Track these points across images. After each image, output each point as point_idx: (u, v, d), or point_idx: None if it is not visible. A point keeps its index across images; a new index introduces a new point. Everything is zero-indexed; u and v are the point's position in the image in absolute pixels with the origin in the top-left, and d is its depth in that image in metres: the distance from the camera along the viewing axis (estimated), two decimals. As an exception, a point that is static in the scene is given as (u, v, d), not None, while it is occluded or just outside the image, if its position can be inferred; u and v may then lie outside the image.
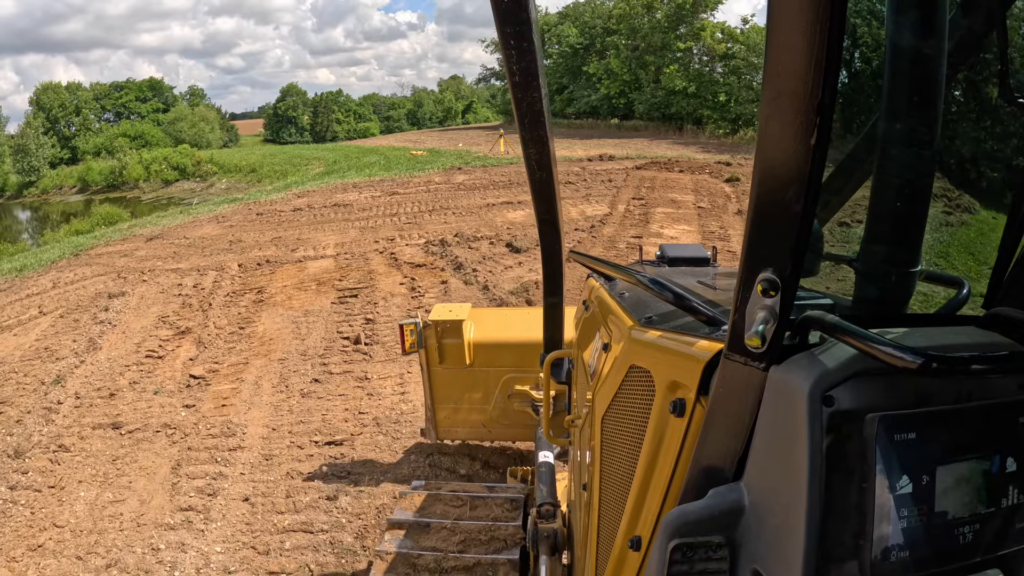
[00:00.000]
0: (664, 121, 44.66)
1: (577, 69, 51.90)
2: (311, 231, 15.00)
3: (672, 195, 17.50)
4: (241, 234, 15.68)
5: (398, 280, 10.27)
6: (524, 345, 4.33)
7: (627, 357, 1.44)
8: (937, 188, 1.26)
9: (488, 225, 13.92)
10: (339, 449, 5.72)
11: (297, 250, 13.09)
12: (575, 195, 17.38)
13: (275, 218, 17.24)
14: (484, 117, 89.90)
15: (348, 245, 13.05)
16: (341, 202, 18.45)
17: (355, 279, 10.55)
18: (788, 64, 0.71)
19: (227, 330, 9.03)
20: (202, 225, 17.76)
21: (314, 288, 10.36)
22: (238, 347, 8.38)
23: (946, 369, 0.77)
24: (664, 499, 1.19)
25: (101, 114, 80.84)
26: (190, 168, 44.35)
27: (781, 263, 0.81)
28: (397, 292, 9.69)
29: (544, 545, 2.50)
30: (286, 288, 10.53)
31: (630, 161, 25.03)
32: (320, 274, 11.11)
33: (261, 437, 6.13)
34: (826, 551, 0.85)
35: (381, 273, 10.73)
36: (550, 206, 2.40)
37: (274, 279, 11.19)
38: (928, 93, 1.15)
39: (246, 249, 13.78)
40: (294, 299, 9.96)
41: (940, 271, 1.34)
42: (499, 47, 1.62)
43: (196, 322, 9.47)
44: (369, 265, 11.26)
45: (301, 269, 11.59)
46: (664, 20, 45.87)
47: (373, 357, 7.49)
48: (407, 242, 12.83)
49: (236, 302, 10.17)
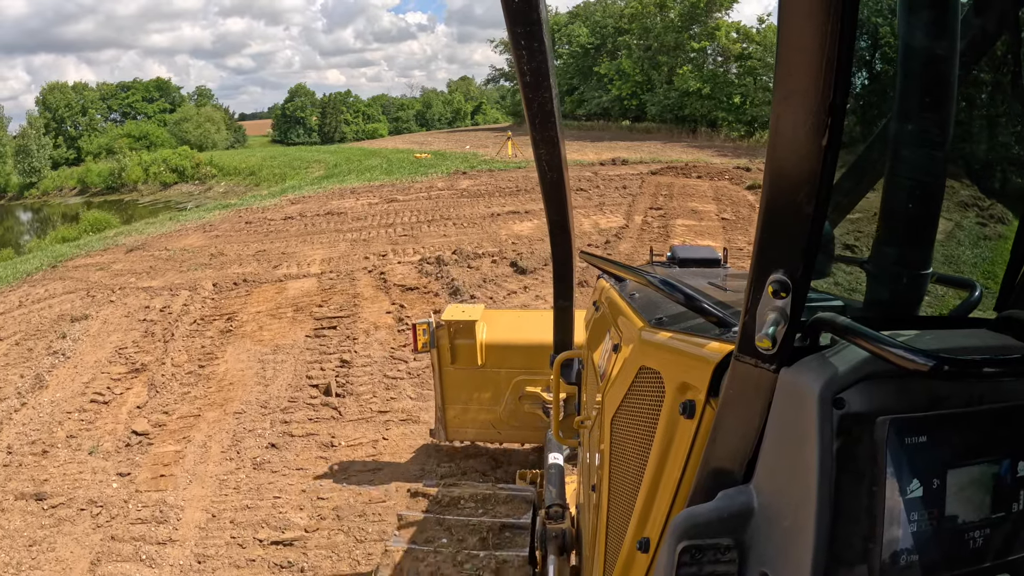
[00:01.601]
0: (677, 123, 43.38)
1: (588, 69, 50.54)
2: (298, 243, 13.75)
3: (692, 204, 16.16)
4: (225, 245, 14.51)
5: (385, 307, 8.96)
6: (536, 347, 4.24)
7: (637, 358, 1.43)
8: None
9: (491, 239, 12.62)
10: (288, 552, 4.43)
11: (280, 266, 11.84)
12: (587, 204, 16.04)
13: (263, 227, 16.04)
14: (493, 118, 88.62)
15: (335, 261, 11.77)
16: (335, 210, 17.20)
17: (337, 305, 9.27)
18: (799, 64, 0.71)
19: (185, 368, 7.79)
20: (187, 234, 16.63)
21: (290, 316, 9.09)
22: (193, 392, 7.12)
23: (958, 372, 0.76)
24: (673, 501, 1.17)
25: (108, 114, 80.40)
26: (189, 170, 43.17)
27: (792, 264, 0.81)
28: (382, 323, 8.39)
29: (553, 545, 2.48)
30: (259, 315, 9.27)
31: (644, 166, 23.70)
32: (299, 297, 9.85)
33: (198, 526, 4.86)
34: (835, 554, 0.83)
35: (367, 298, 9.44)
36: (561, 207, 2.39)
37: (249, 302, 9.94)
38: (940, 93, 1.14)
39: (226, 264, 12.56)
40: (265, 329, 8.69)
41: (951, 273, 1.34)
42: (510, 47, 1.63)
43: (154, 356, 8.25)
44: (355, 287, 9.97)
45: (280, 290, 10.33)
46: (677, 19, 44.56)
47: (344, 415, 6.18)
48: (400, 258, 11.54)
49: (202, 331, 8.93)
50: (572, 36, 51.14)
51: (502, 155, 29.06)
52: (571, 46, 51.39)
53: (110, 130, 71.75)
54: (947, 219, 1.29)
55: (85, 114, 75.33)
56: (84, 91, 77.21)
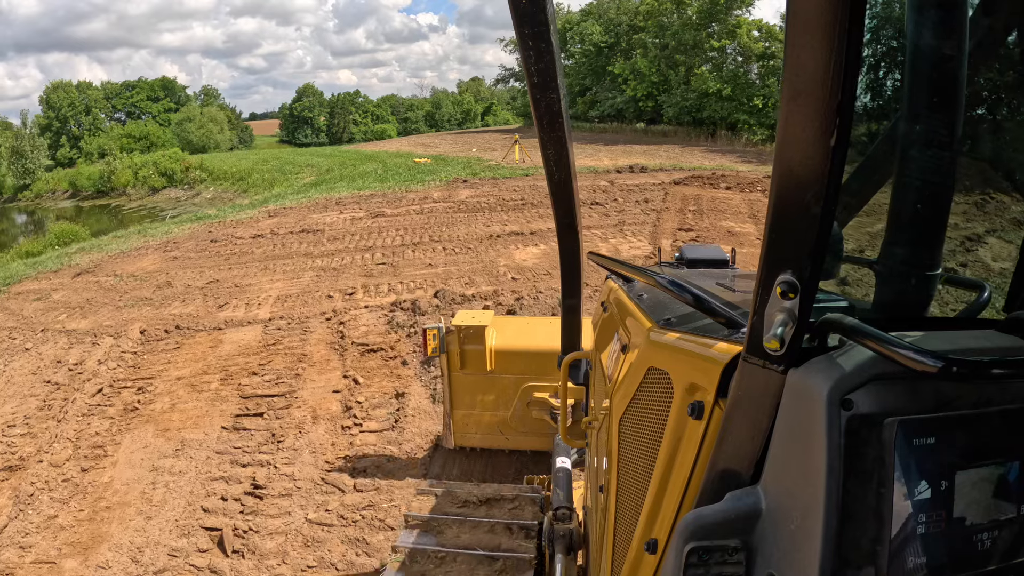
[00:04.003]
0: (695, 126, 40.93)
1: (601, 69, 48.01)
2: (258, 271, 11.50)
3: (727, 223, 13.80)
4: (178, 272, 12.34)
5: (334, 381, 6.67)
6: (545, 353, 4.21)
7: (645, 359, 1.42)
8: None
9: (487, 271, 10.31)
10: None
11: (226, 306, 9.60)
12: (605, 223, 13.69)
13: (228, 248, 13.84)
14: (504, 119, 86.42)
15: (292, 301, 9.51)
16: (313, 226, 14.95)
17: (275, 372, 7.00)
18: (807, 64, 0.71)
19: (64, 471, 5.61)
20: (146, 254, 14.51)
21: (213, 388, 6.84)
22: (62, 516, 4.99)
23: (966, 373, 0.76)
24: (681, 502, 1.16)
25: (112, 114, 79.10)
26: (179, 174, 40.82)
27: (800, 265, 0.81)
28: (323, 412, 6.09)
29: (560, 544, 2.51)
30: (179, 383, 7.03)
31: (665, 173, 21.32)
32: (234, 356, 7.59)
33: None
34: (843, 556, 0.82)
35: (315, 363, 7.15)
36: (568, 207, 2.41)
37: (173, 361, 7.71)
38: (949, 94, 1.14)
39: (167, 300, 10.35)
40: (178, 410, 6.45)
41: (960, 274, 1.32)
42: (517, 48, 1.64)
43: (38, 445, 6.10)
44: (305, 344, 7.69)
45: (215, 344, 8.09)
46: (695, 16, 42.14)
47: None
48: (370, 299, 9.24)
49: (104, 408, 6.73)
50: (584, 34, 48.58)
51: (508, 160, 26.70)
52: (583, 45, 48.88)
53: (112, 130, 70.26)
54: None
55: (89, 113, 74.02)
56: (88, 90, 75.91)
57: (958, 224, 1.41)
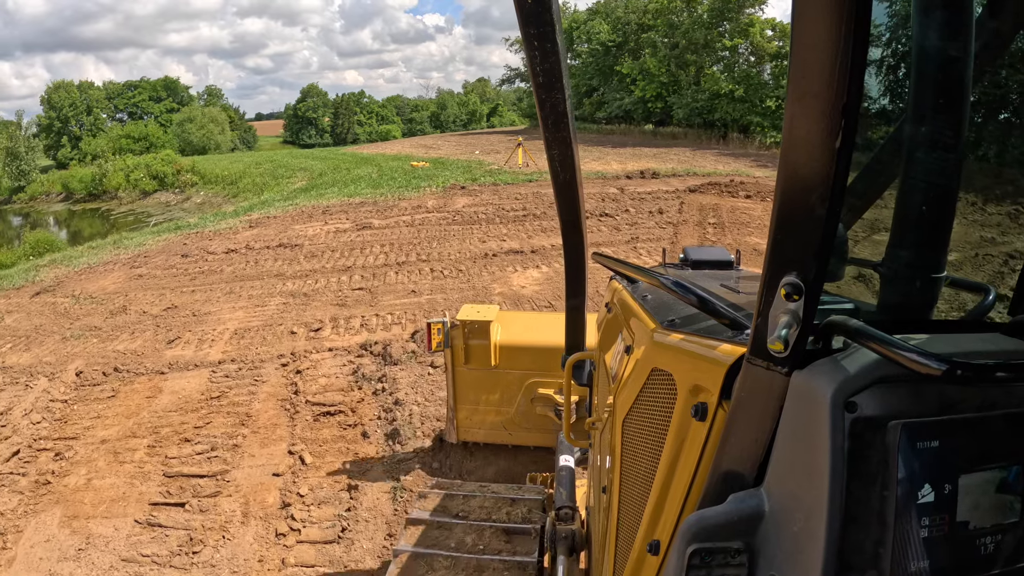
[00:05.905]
0: (706, 128, 39.48)
1: (609, 69, 46.55)
2: (221, 296, 10.18)
3: (751, 238, 12.45)
4: (138, 294, 11.07)
5: (277, 458, 5.31)
6: (550, 349, 4.11)
7: (649, 360, 1.41)
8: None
9: (478, 300, 8.96)
10: None
11: (176, 341, 8.28)
12: (616, 239, 12.32)
13: (197, 265, 12.55)
14: (510, 120, 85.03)
15: (250, 337, 8.16)
16: (292, 240, 13.63)
17: (211, 440, 5.66)
18: (813, 65, 0.71)
19: None
20: (111, 271, 13.24)
21: (139, 456, 5.51)
22: None
23: (971, 376, 0.75)
24: (684, 503, 1.15)
25: (114, 114, 78.25)
26: (170, 177, 39.56)
27: (805, 267, 0.80)
28: (257, 505, 4.74)
29: (562, 545, 2.47)
30: (102, 449, 5.72)
31: (678, 179, 19.91)
32: (170, 412, 6.27)
33: None
34: (845, 559, 0.82)
35: (259, 428, 5.80)
36: (573, 207, 2.39)
37: (103, 415, 6.41)
38: (955, 95, 1.12)
39: (117, 331, 9.05)
40: (92, 487, 5.15)
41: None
42: (523, 48, 1.63)
43: None
44: (252, 400, 6.34)
45: (153, 394, 6.77)
46: (707, 15, 40.77)
47: None
48: (337, 337, 7.87)
49: (15, 478, 5.47)
50: (592, 33, 47.15)
51: (511, 164, 25.32)
52: (591, 44, 47.43)
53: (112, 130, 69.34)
54: None
55: (90, 114, 73.16)
56: (89, 90, 75.06)
57: (995, 239, 1.42)
